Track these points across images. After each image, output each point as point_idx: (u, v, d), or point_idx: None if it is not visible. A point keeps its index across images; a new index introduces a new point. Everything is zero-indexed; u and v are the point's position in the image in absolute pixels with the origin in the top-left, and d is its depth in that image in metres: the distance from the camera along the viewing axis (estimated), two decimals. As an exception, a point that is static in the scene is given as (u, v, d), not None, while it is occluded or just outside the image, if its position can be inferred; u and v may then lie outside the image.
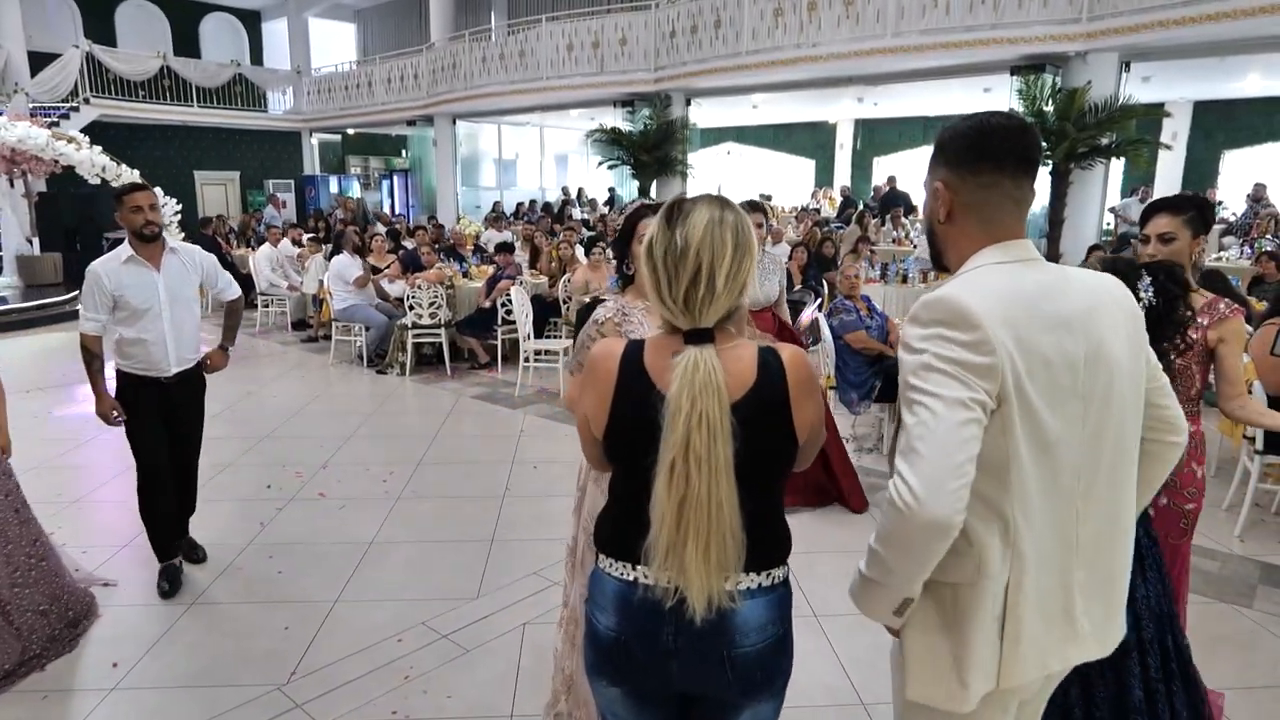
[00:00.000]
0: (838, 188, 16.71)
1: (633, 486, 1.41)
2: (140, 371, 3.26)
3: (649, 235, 1.39)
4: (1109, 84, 8.87)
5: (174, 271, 3.30)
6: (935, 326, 1.25)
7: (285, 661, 2.87)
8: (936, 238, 1.43)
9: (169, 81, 15.92)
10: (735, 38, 11.01)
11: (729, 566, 1.30)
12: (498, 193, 18.13)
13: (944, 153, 1.38)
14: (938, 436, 1.20)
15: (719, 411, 1.27)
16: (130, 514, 4.05)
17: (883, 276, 8.37)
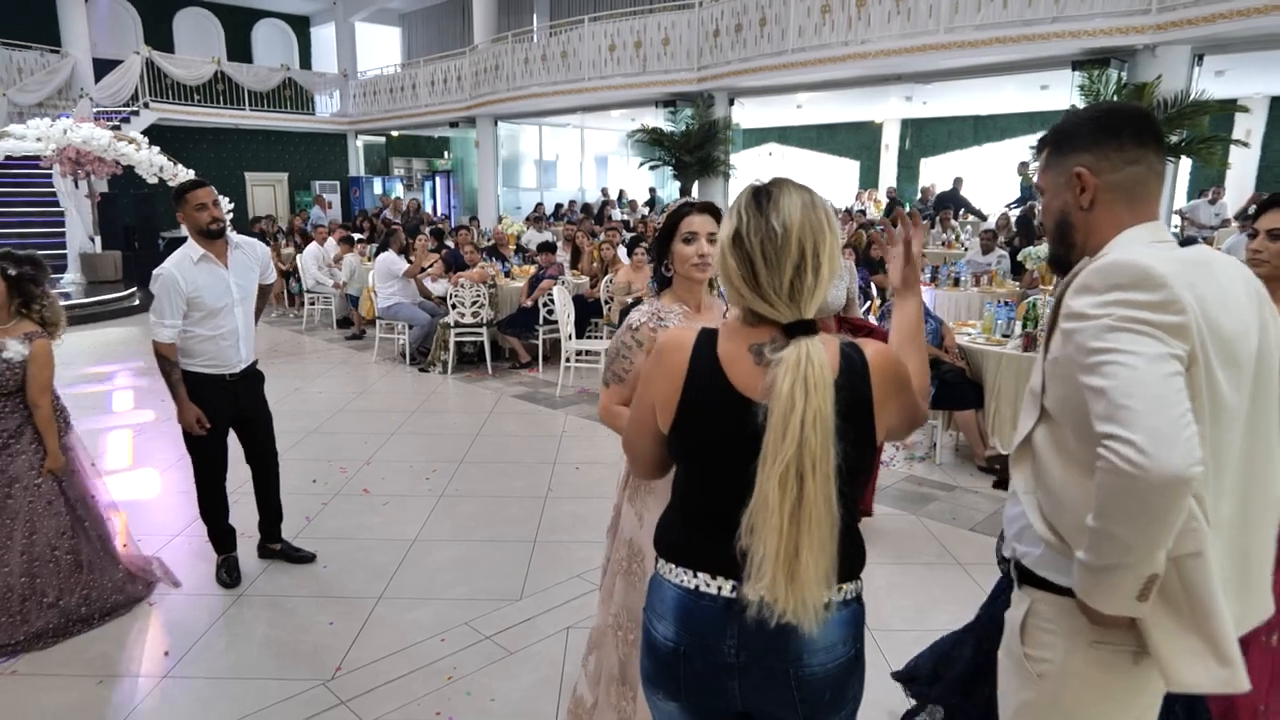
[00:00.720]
0: (883, 189, 16.41)
1: (700, 488, 1.33)
2: (207, 369, 3.22)
3: (731, 226, 1.29)
4: (1179, 78, 8.44)
5: (240, 267, 3.30)
6: (1114, 291, 1.17)
7: (330, 657, 2.84)
8: (1074, 230, 1.35)
9: (222, 86, 16.29)
10: (781, 35, 10.83)
11: (830, 580, 1.21)
12: (538, 193, 18.18)
13: (1077, 139, 1.33)
14: (1149, 388, 1.10)
15: (830, 410, 1.18)
16: (185, 502, 4.10)
17: (933, 279, 8.14)
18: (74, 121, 6.68)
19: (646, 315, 1.97)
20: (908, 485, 4.68)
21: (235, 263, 3.27)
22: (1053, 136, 1.37)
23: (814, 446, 1.16)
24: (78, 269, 12.05)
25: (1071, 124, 1.35)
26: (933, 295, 7.55)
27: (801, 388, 1.17)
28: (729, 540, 1.22)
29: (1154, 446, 1.07)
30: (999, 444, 4.93)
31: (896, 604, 3.27)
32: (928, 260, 8.91)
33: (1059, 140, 1.36)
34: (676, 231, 2.00)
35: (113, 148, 6.50)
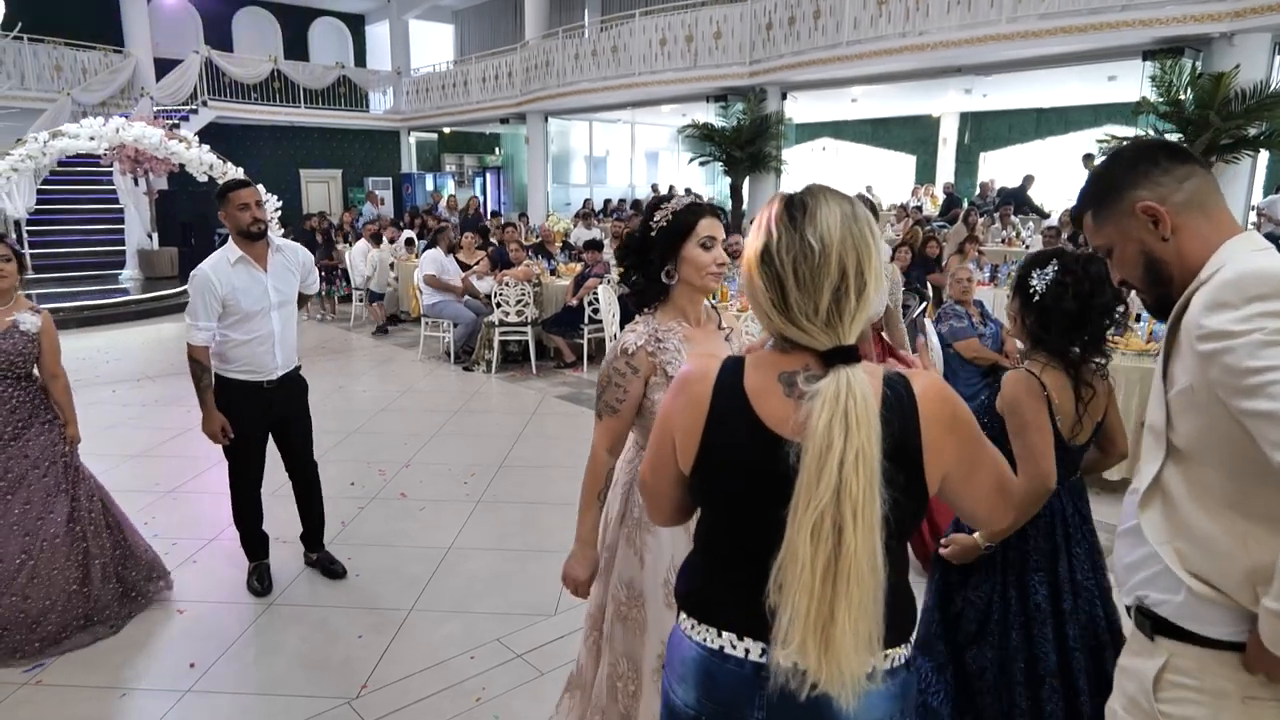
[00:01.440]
0: (940, 184, 15.93)
1: (726, 535, 1.18)
2: (244, 376, 3.14)
3: (760, 241, 1.13)
4: (1259, 68, 7.99)
5: (280, 271, 3.21)
6: (1256, 303, 1.08)
7: (358, 673, 2.77)
8: (1165, 264, 1.27)
9: (279, 84, 16.59)
10: (835, 28, 10.55)
11: (874, 646, 1.05)
12: (588, 190, 18.15)
13: (1118, 185, 1.29)
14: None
15: (874, 450, 1.02)
16: (219, 506, 4.11)
17: (992, 279, 7.82)
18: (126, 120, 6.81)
19: (643, 337, 1.77)
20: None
21: (275, 266, 3.19)
22: (1091, 197, 1.33)
23: (855, 491, 1.00)
24: (135, 265, 12.41)
25: (1103, 178, 1.31)
26: (992, 295, 7.25)
27: (841, 423, 1.01)
28: (759, 595, 1.07)
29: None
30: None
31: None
32: (987, 259, 8.57)
33: (1100, 195, 1.31)
34: (693, 233, 1.77)
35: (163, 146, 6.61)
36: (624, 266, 1.88)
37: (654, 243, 1.81)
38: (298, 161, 18.49)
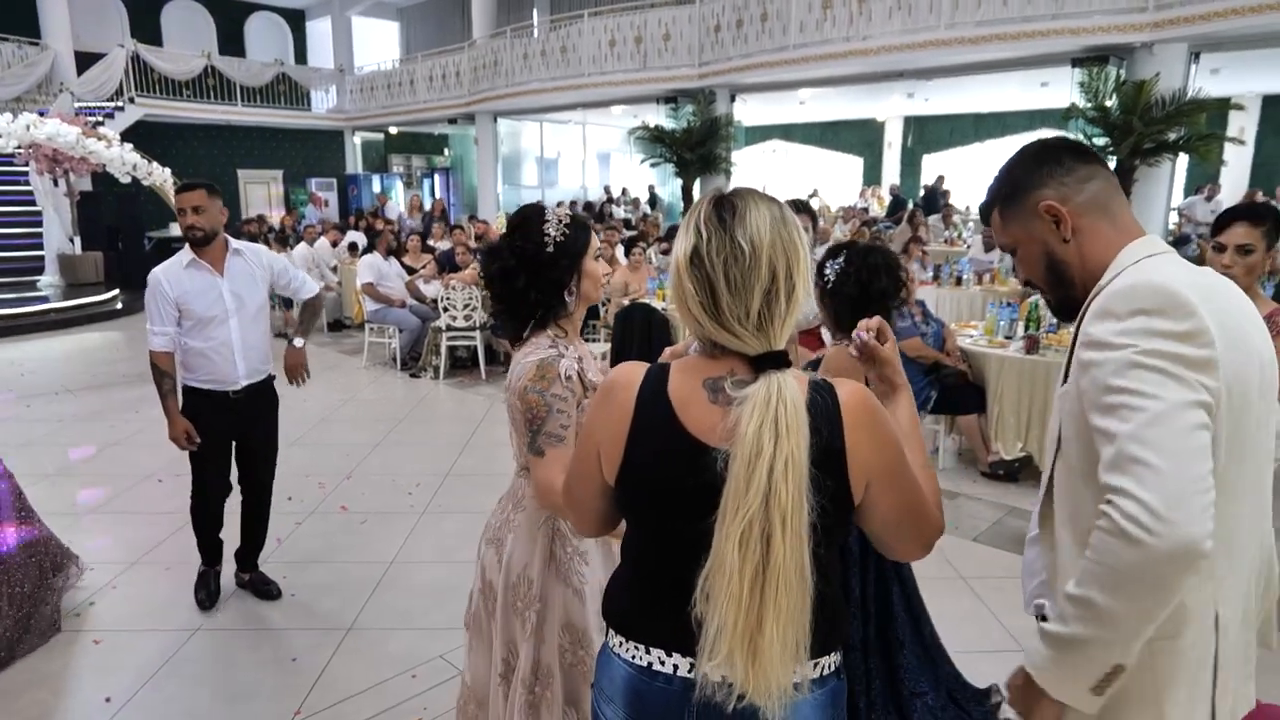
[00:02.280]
0: (886, 186, 16.25)
1: (652, 550, 1.17)
2: (206, 385, 3.03)
3: (689, 243, 1.10)
4: (1177, 76, 8.43)
5: (239, 275, 3.05)
6: (1138, 317, 1.05)
7: (290, 699, 2.67)
8: (1065, 266, 1.24)
9: (213, 81, 16.05)
10: (782, 31, 10.68)
11: (801, 656, 1.03)
12: (539, 191, 18.03)
13: (1022, 184, 1.26)
14: (1169, 443, 0.98)
15: (803, 457, 1.00)
16: (147, 526, 3.95)
17: (935, 278, 7.99)
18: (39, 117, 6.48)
19: (571, 359, 1.70)
20: (907, 499, 4.53)
21: (233, 270, 3.04)
22: (997, 196, 1.30)
23: (784, 499, 0.98)
24: (56, 271, 11.75)
25: (1008, 177, 1.29)
26: (935, 295, 7.41)
27: (771, 429, 0.99)
28: (682, 609, 1.06)
29: (1170, 511, 0.95)
30: (1002, 449, 4.82)
31: (895, 631, 3.10)
32: (931, 259, 8.74)
33: (1006, 195, 1.28)
34: (590, 245, 1.75)
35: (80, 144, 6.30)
36: (511, 286, 1.72)
37: (555, 258, 1.73)
38: (235, 162, 17.92)
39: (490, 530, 1.87)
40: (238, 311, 3.03)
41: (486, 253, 1.81)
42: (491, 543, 1.85)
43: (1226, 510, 1.04)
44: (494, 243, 1.82)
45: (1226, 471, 1.05)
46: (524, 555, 1.79)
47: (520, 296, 1.73)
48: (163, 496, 4.35)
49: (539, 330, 1.75)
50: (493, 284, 1.76)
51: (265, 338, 3.18)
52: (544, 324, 1.75)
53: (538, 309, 1.74)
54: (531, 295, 1.73)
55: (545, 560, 1.79)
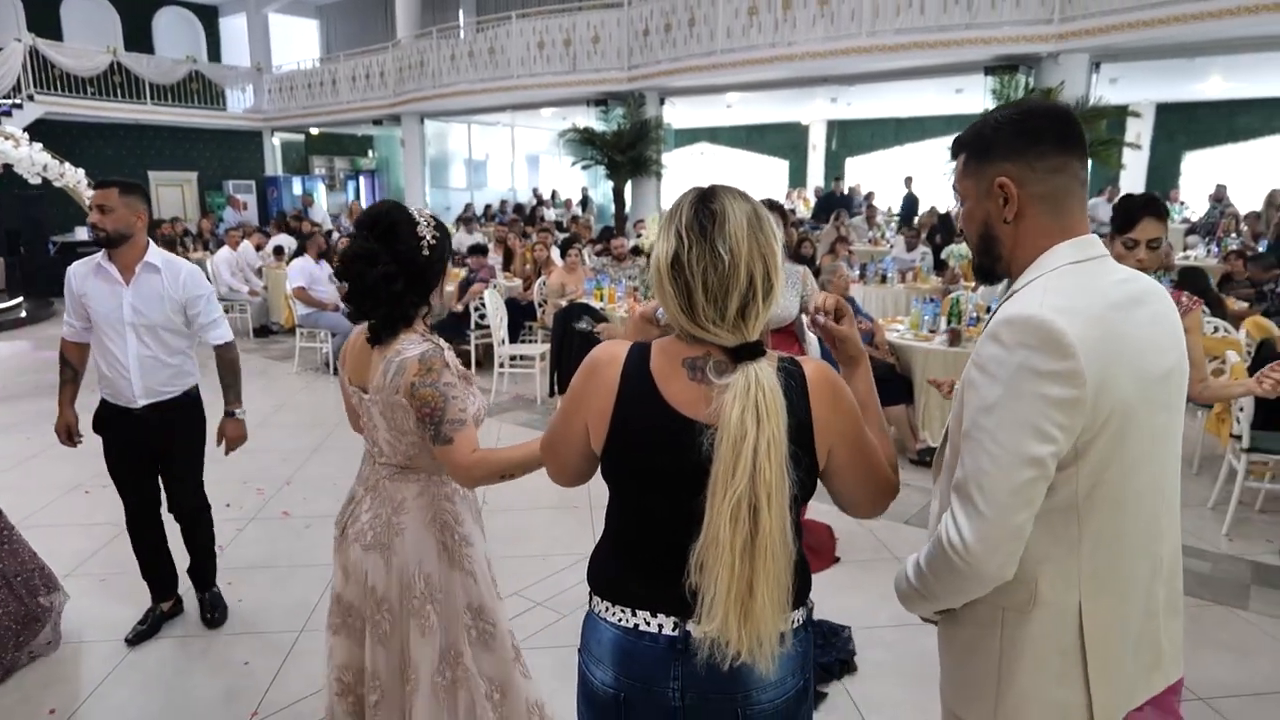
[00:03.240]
0: (811, 188, 16.70)
1: (636, 520, 1.26)
2: (111, 399, 2.85)
3: (670, 247, 1.17)
4: (1080, 85, 8.96)
5: (146, 290, 2.77)
6: (1020, 350, 1.12)
7: (246, 701, 2.63)
8: (999, 243, 1.27)
9: (120, 78, 15.27)
10: (709, 36, 10.88)
11: (785, 610, 1.15)
12: (468, 194, 17.83)
13: (998, 147, 1.24)
14: (999, 495, 1.13)
15: (783, 437, 1.10)
16: (79, 538, 3.79)
17: (861, 276, 8.29)
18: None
19: (437, 347, 1.76)
20: (844, 487, 4.70)
21: (143, 284, 2.77)
22: (972, 140, 1.29)
23: (769, 476, 1.08)
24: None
25: (991, 128, 1.26)
26: (861, 292, 7.69)
27: (753, 414, 1.09)
28: (669, 575, 1.15)
29: (979, 551, 1.13)
30: (929, 437, 5.04)
31: (838, 602, 3.25)
32: (856, 258, 9.07)
33: (979, 146, 1.27)
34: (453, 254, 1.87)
35: (-14, 144, 5.98)
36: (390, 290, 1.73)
37: (430, 261, 1.78)
38: (146, 163, 17.05)
39: (367, 537, 1.82)
40: (136, 327, 2.77)
41: (360, 257, 1.74)
42: (373, 549, 1.82)
43: (1114, 520, 1.19)
44: (359, 247, 1.75)
45: (1115, 485, 1.17)
46: (417, 555, 1.81)
47: (397, 299, 1.75)
48: (91, 508, 4.19)
49: (406, 329, 1.78)
50: (374, 289, 1.73)
51: (173, 359, 2.87)
52: (410, 323, 1.79)
53: (410, 310, 1.78)
54: (408, 298, 1.76)
55: (439, 555, 1.85)
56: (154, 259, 2.81)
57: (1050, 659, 1.21)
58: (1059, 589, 1.20)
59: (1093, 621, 1.20)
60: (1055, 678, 1.21)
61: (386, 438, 1.80)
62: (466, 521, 1.91)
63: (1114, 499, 1.18)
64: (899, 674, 2.83)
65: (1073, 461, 1.15)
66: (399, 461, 1.83)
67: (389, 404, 1.74)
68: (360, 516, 1.85)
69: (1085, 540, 1.19)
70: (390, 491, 1.83)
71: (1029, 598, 1.20)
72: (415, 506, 1.83)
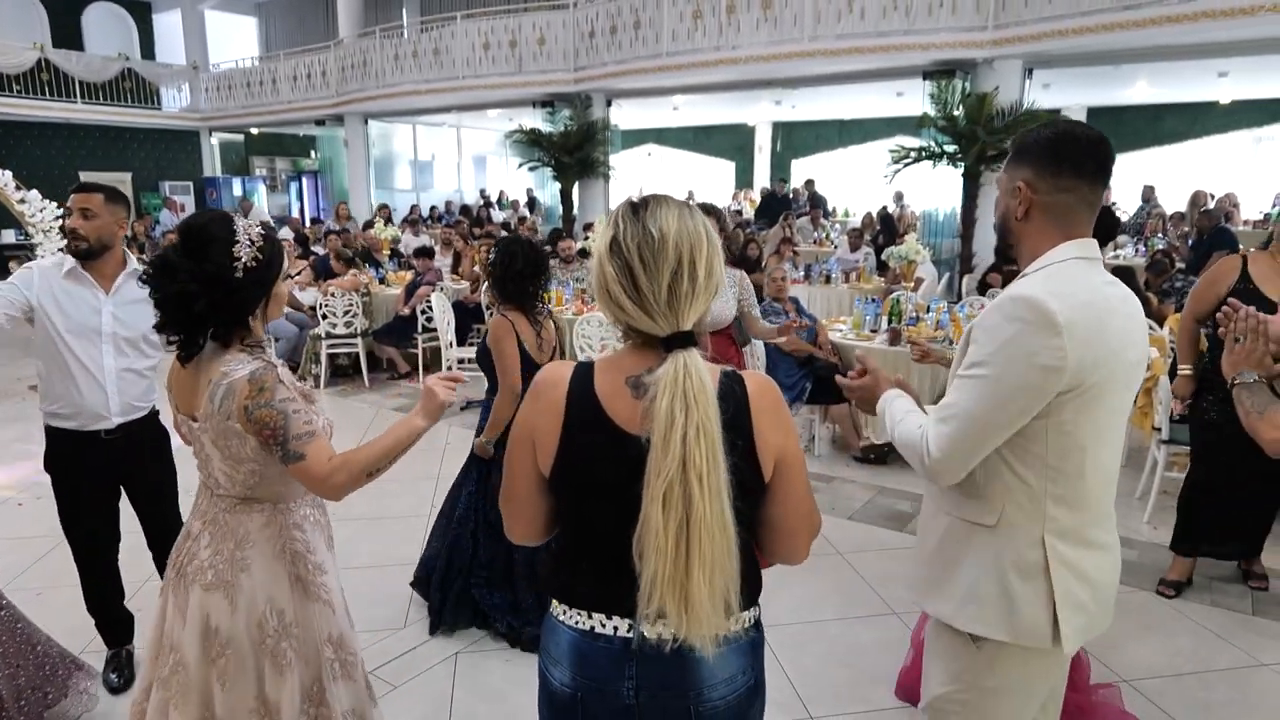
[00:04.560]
0: (757, 189, 16.92)
1: (588, 527, 1.28)
2: (71, 425, 2.58)
3: (610, 231, 1.24)
4: (1014, 90, 9.23)
5: (130, 299, 2.59)
6: (1017, 323, 1.37)
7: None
8: (1011, 233, 1.54)
9: (48, 75, 14.74)
10: (655, 39, 10.97)
11: (730, 602, 1.16)
12: (414, 195, 17.61)
13: (1027, 155, 1.48)
14: (971, 433, 1.41)
15: (713, 421, 1.13)
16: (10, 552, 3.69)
17: (806, 277, 8.46)
18: None
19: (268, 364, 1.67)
20: (789, 482, 4.81)
21: (125, 293, 2.60)
22: (1016, 142, 1.52)
23: (698, 460, 1.11)
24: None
25: (1029, 141, 1.49)
26: (806, 292, 7.85)
27: (681, 402, 1.12)
28: (621, 577, 1.18)
29: (940, 464, 1.45)
30: (872, 435, 5.18)
31: (784, 597, 3.35)
32: (801, 259, 9.25)
33: (1018, 149, 1.51)
34: (283, 269, 1.76)
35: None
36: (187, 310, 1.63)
37: (243, 284, 1.65)
38: (76, 163, 16.42)
39: (207, 576, 1.69)
40: (116, 338, 2.60)
41: (160, 268, 1.64)
42: (214, 588, 1.69)
43: (1085, 477, 1.46)
44: (165, 256, 1.64)
45: (1086, 445, 1.43)
46: (267, 589, 1.71)
47: (197, 320, 1.64)
48: (26, 520, 4.08)
49: (222, 348, 1.68)
50: (164, 306, 1.64)
51: (149, 372, 2.74)
52: (226, 342, 1.68)
53: (212, 331, 1.67)
54: (210, 320, 1.65)
55: (292, 587, 1.75)
56: (135, 265, 2.65)
57: (1009, 575, 1.46)
58: (1023, 516, 1.46)
59: (1054, 554, 1.45)
60: (1014, 591, 1.46)
61: (222, 468, 1.68)
62: (320, 549, 1.81)
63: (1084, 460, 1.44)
64: (841, 665, 2.94)
65: (1044, 415, 1.39)
66: (238, 493, 1.71)
67: (221, 431, 1.63)
68: (198, 554, 1.71)
69: (1053, 486, 1.45)
70: (231, 525, 1.71)
71: (997, 518, 1.47)
72: (261, 539, 1.72)
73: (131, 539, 2.87)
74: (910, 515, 4.27)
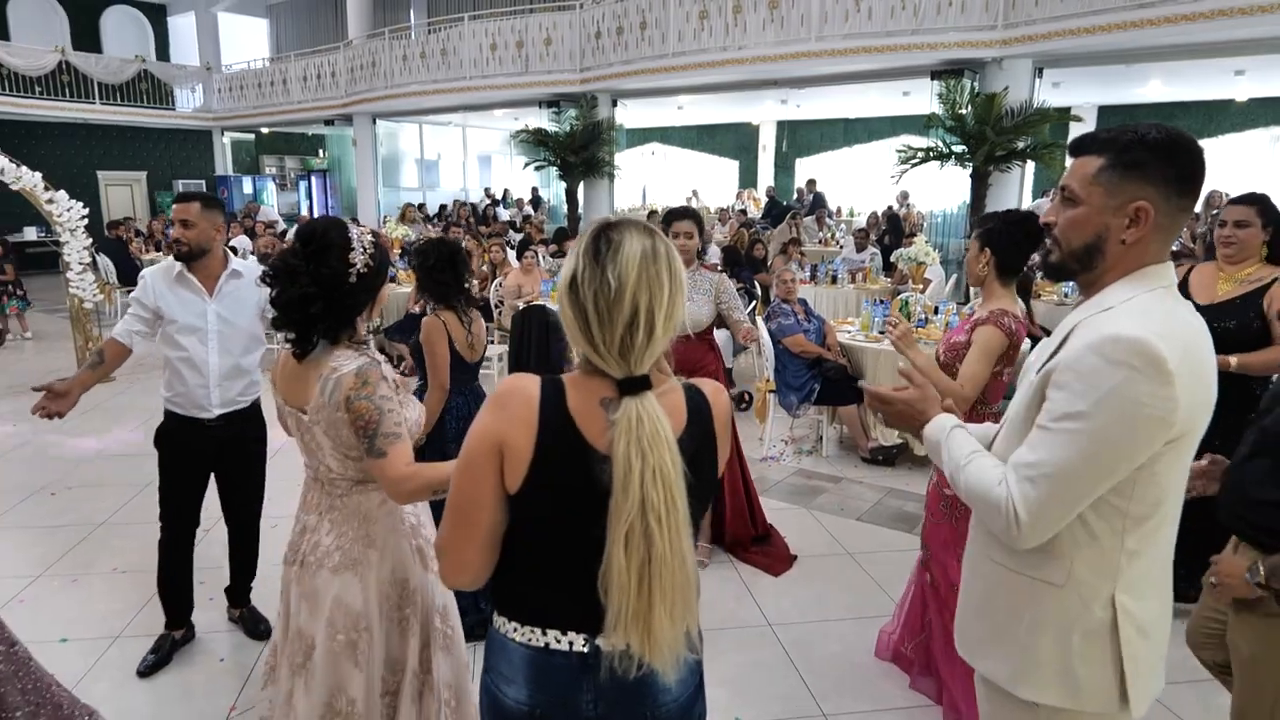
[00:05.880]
0: (762, 188, 16.95)
1: (546, 544, 1.25)
2: (182, 411, 2.79)
3: (570, 269, 1.19)
4: (1023, 89, 9.18)
5: (231, 298, 2.78)
6: (1122, 369, 1.19)
7: (224, 696, 2.72)
8: (1102, 257, 1.30)
9: (68, 77, 14.94)
10: (661, 39, 11.02)
11: (690, 618, 1.20)
12: (420, 194, 17.72)
13: (1145, 167, 1.25)
14: (1067, 496, 1.25)
15: (672, 464, 1.15)
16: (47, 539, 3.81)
17: (813, 278, 8.49)
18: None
19: (373, 360, 1.77)
20: (797, 479, 4.89)
21: (227, 293, 2.78)
22: (1118, 150, 1.26)
23: (656, 503, 1.13)
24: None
25: (1142, 147, 1.25)
26: (812, 293, 7.88)
27: (637, 448, 1.13)
28: (578, 593, 1.19)
29: (1028, 530, 1.27)
30: (880, 436, 5.23)
31: (793, 597, 3.42)
32: (808, 259, 9.29)
33: (1126, 161, 1.25)
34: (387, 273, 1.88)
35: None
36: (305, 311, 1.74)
37: (356, 290, 1.78)
38: (94, 163, 16.69)
39: (334, 559, 1.79)
40: (220, 336, 2.78)
41: (283, 272, 1.75)
42: (343, 569, 1.78)
43: (1163, 527, 1.31)
44: (287, 260, 1.76)
45: (1169, 493, 1.28)
46: (391, 561, 1.82)
47: (312, 320, 1.75)
48: (59, 509, 4.21)
49: (330, 345, 1.78)
50: (286, 307, 1.74)
51: (250, 367, 2.89)
52: (335, 340, 1.78)
53: (334, 330, 1.77)
54: (324, 320, 1.75)
55: (412, 556, 1.88)
56: (235, 265, 2.84)
57: (1073, 636, 1.31)
58: (1094, 574, 1.29)
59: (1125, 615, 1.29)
60: (1077, 654, 1.31)
61: (334, 456, 1.78)
62: (429, 524, 1.92)
63: (1162, 510, 1.28)
64: (852, 663, 2.99)
65: (1137, 468, 1.22)
66: (352, 476, 1.80)
67: (331, 422, 1.72)
68: (320, 541, 1.80)
69: (1129, 539, 1.28)
70: (351, 508, 1.81)
71: (1065, 576, 1.31)
72: (381, 514, 1.82)
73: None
74: (918, 517, 4.33)
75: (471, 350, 3.12)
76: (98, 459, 5.09)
